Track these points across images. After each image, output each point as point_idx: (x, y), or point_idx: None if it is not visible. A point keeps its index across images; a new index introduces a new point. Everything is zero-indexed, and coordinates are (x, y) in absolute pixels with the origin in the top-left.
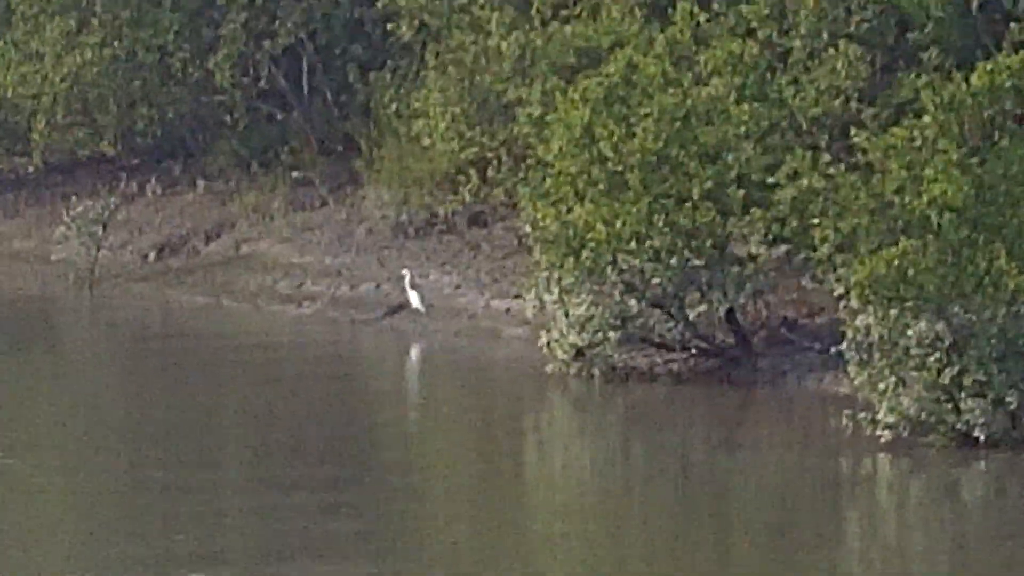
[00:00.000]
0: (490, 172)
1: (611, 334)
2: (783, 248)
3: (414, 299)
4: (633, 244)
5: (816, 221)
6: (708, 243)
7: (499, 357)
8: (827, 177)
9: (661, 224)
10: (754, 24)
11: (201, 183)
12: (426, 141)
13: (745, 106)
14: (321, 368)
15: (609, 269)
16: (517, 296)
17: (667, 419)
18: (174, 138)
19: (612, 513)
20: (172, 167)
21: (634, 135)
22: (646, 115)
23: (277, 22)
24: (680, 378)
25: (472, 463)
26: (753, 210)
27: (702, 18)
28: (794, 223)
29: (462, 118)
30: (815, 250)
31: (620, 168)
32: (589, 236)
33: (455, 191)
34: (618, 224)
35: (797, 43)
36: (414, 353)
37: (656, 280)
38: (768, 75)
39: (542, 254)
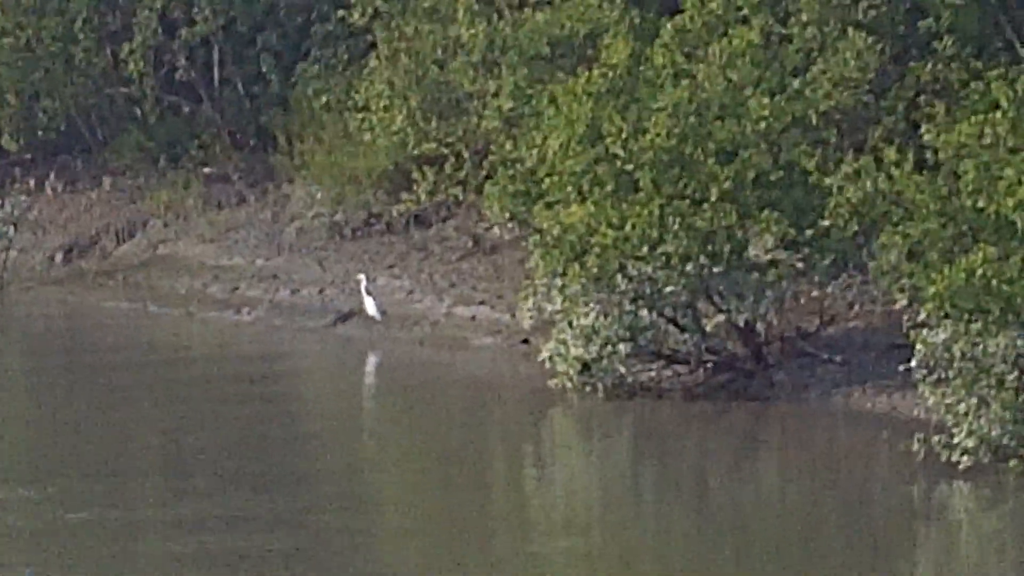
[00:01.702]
0: (447, 169)
1: (620, 346)
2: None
3: (370, 306)
4: (644, 249)
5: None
6: (727, 248)
7: (477, 370)
8: (889, 178)
9: (676, 227)
10: (745, 11)
11: (107, 180)
12: (366, 136)
13: (765, 100)
14: (276, 383)
15: (619, 277)
16: (482, 303)
17: (681, 438)
18: (73, 132)
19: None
20: (72, 162)
21: (644, 131)
22: (658, 110)
23: (195, 9)
24: (691, 393)
25: (470, 492)
26: (767, 213)
27: (714, 5)
28: (814, 225)
29: (418, 111)
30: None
31: (630, 167)
32: (594, 240)
33: (393, 190)
34: (627, 227)
35: (797, 31)
36: (376, 365)
37: (669, 288)
38: (785, 67)
39: (541, 259)
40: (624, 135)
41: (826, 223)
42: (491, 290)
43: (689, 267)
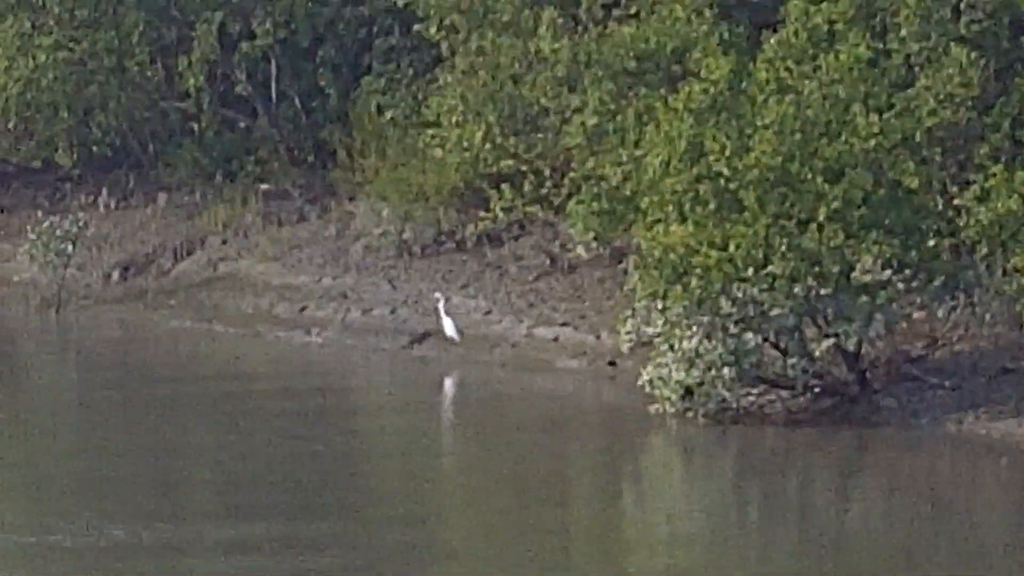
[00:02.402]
0: (526, 186)
1: (725, 370)
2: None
3: (448, 327)
4: (749, 271)
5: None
6: (835, 269)
7: (563, 393)
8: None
9: (783, 248)
10: (838, 25)
11: (163, 196)
12: (437, 152)
13: (874, 117)
14: (352, 406)
15: (723, 299)
16: (564, 324)
17: (786, 464)
18: (125, 148)
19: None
20: (124, 178)
21: (748, 149)
22: (763, 127)
23: (255, 22)
24: (794, 418)
25: (559, 517)
26: (876, 233)
27: (818, 19)
28: (921, 246)
29: (496, 127)
30: (943, 276)
31: (734, 186)
32: (695, 261)
33: (463, 207)
34: (731, 248)
35: (897, 46)
36: (456, 387)
37: (775, 311)
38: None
39: (640, 281)
40: (728, 153)
41: (931, 243)
42: (572, 311)
43: (797, 289)
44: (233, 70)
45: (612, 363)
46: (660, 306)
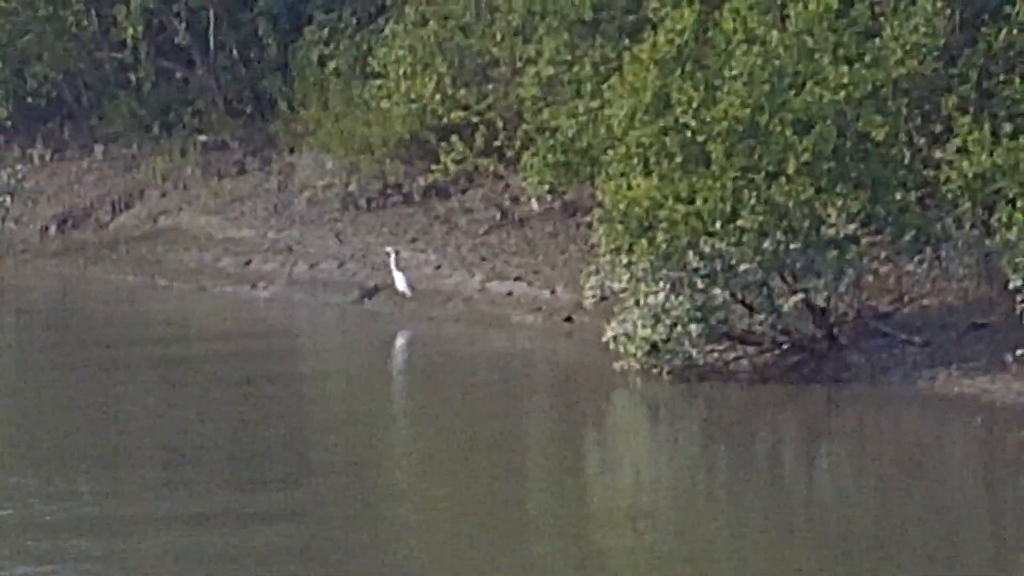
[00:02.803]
0: (477, 139)
1: (691, 327)
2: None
3: (400, 281)
4: (716, 225)
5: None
6: (805, 224)
7: (521, 349)
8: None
9: (752, 202)
10: None
11: (99, 148)
12: (384, 103)
13: (844, 68)
14: (304, 362)
15: (690, 253)
16: (518, 278)
17: (754, 423)
18: (59, 98)
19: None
20: (57, 129)
21: (715, 100)
22: (731, 78)
23: None
24: (762, 375)
25: (533, 488)
26: (845, 187)
27: None
28: (889, 200)
29: (448, 78)
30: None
31: (701, 138)
32: (661, 215)
33: (410, 159)
34: (698, 201)
35: None
36: (411, 342)
37: (744, 266)
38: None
39: (605, 235)
40: (695, 104)
41: (899, 196)
42: (525, 265)
43: (766, 244)
44: (171, 19)
45: (569, 319)
46: (625, 261)
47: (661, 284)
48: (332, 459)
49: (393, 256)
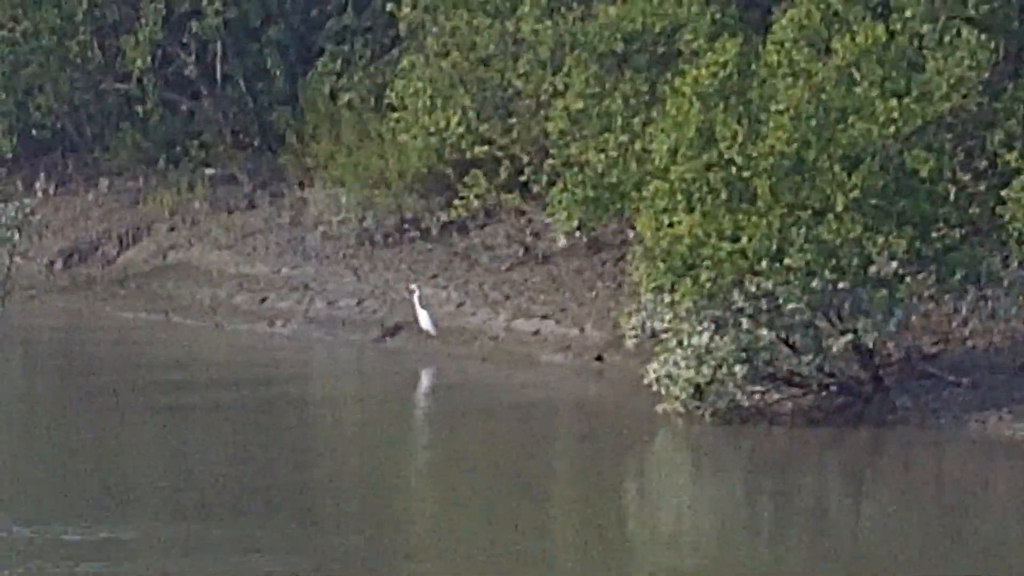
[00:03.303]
0: (502, 173)
1: (737, 368)
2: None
3: (424, 319)
4: (763, 263)
5: None
6: (855, 262)
7: (553, 389)
8: None
9: (801, 240)
10: (838, 6)
11: (104, 181)
12: (402, 137)
13: (894, 102)
14: (329, 405)
15: (736, 293)
16: (545, 316)
17: (800, 466)
18: (62, 130)
19: None
20: (59, 162)
21: (760, 135)
22: (776, 112)
23: (203, 1)
24: (806, 418)
25: (588, 528)
26: (887, 224)
27: None
28: (935, 238)
29: (471, 111)
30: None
31: (747, 174)
32: (704, 253)
33: (427, 194)
34: (744, 239)
35: (902, 27)
36: (438, 382)
37: (791, 305)
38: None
39: (646, 274)
40: (740, 139)
41: (945, 234)
42: (552, 303)
43: (815, 283)
44: (178, 51)
45: (599, 358)
46: (667, 300)
47: (705, 324)
48: (353, 512)
49: (417, 293)
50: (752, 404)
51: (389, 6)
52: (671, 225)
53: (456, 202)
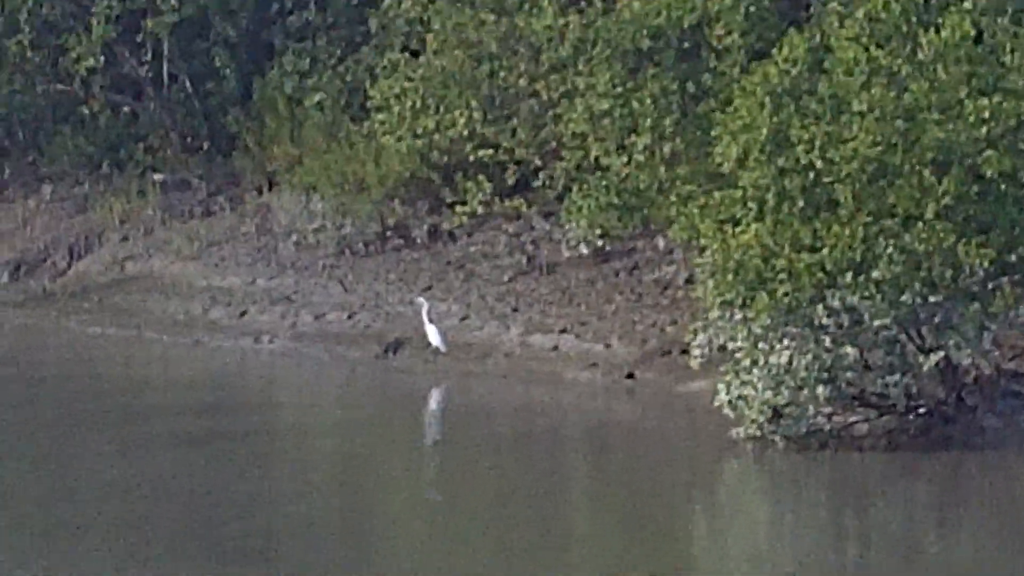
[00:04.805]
0: (507, 177)
1: (819, 389)
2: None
3: (433, 335)
4: (848, 276)
5: None
6: (948, 274)
7: (594, 411)
8: None
9: (889, 251)
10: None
11: (47, 188)
12: (386, 139)
13: (985, 101)
14: (364, 435)
15: (819, 308)
16: (563, 331)
17: (887, 494)
18: None
19: None
20: None
21: (840, 138)
22: (858, 113)
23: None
24: (888, 442)
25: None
26: (974, 233)
27: None
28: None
29: (479, 111)
30: None
31: (828, 179)
32: (778, 265)
33: (410, 200)
34: (824, 250)
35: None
36: (459, 403)
37: (877, 321)
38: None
39: (715, 288)
40: (818, 143)
41: None
42: (568, 316)
43: (904, 296)
44: (123, 50)
45: (630, 375)
46: (740, 316)
47: (784, 342)
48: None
49: (425, 307)
50: (830, 428)
51: (401, 1)
52: (734, 235)
53: (457, 208)
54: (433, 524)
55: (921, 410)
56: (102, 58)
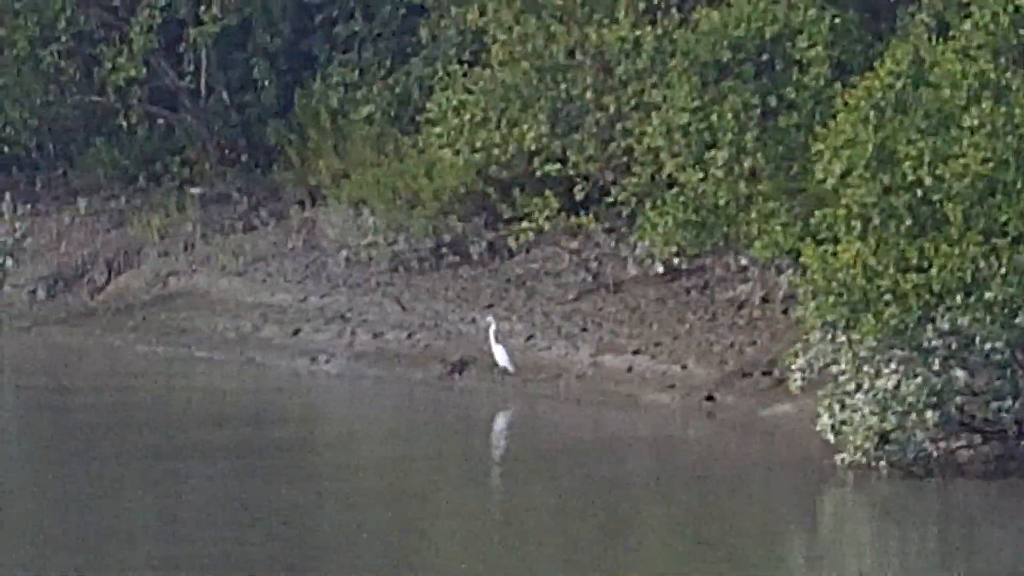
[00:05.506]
0: (576, 193)
1: (928, 414)
2: None
3: (501, 356)
4: (958, 298)
5: None
6: None
7: (677, 436)
8: None
9: (1003, 271)
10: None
11: (82, 201)
12: (444, 153)
13: None
14: (445, 469)
15: (929, 330)
16: (636, 352)
17: (999, 524)
18: (27, 147)
19: None
20: (23, 181)
21: (948, 155)
22: (968, 128)
23: (202, 7)
24: (998, 468)
25: None
26: None
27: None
28: None
29: (546, 125)
30: None
31: (937, 197)
32: (883, 286)
33: (467, 215)
34: (933, 270)
35: None
36: (532, 427)
37: (989, 344)
38: None
39: (817, 309)
40: (927, 159)
41: None
42: (640, 336)
43: (1019, 318)
44: (160, 61)
45: (710, 397)
46: (844, 338)
47: (892, 364)
48: None
49: (493, 327)
50: (936, 455)
51: (454, 11)
52: (835, 255)
53: (523, 224)
54: (487, 554)
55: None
56: (144, 69)
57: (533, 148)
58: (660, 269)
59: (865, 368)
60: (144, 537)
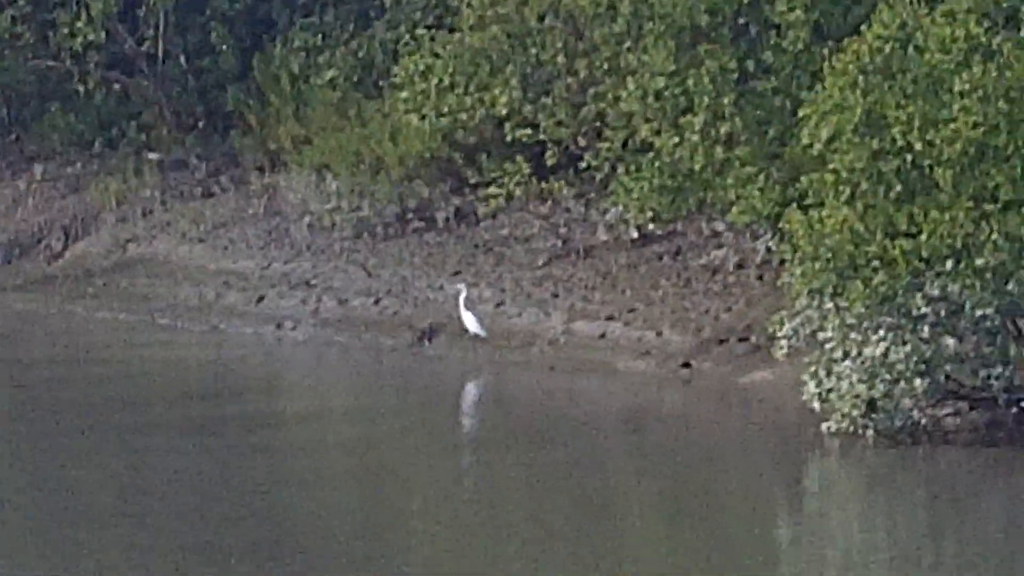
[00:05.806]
0: (547, 159)
1: (917, 382)
2: None
3: (471, 322)
4: (948, 264)
5: None
6: None
7: (657, 402)
8: None
9: (994, 236)
10: None
11: (39, 167)
12: (411, 118)
13: None
14: (425, 441)
15: (918, 297)
16: (610, 318)
17: (993, 493)
18: None
19: None
20: None
21: (938, 119)
22: (959, 92)
23: None
24: (985, 437)
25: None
26: None
27: None
28: None
29: (518, 89)
30: None
31: (927, 162)
32: (871, 252)
33: (432, 180)
34: (923, 236)
35: None
36: (509, 396)
37: (980, 311)
38: None
39: (803, 275)
40: (917, 124)
41: None
42: (613, 302)
43: (1010, 285)
44: (116, 26)
45: (687, 364)
46: (831, 305)
47: (880, 332)
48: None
49: (463, 293)
50: (923, 423)
51: None
52: (821, 220)
53: (492, 190)
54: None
55: (1022, 404)
56: (103, 33)
57: (504, 113)
58: (635, 235)
59: (852, 335)
60: (106, 516)
